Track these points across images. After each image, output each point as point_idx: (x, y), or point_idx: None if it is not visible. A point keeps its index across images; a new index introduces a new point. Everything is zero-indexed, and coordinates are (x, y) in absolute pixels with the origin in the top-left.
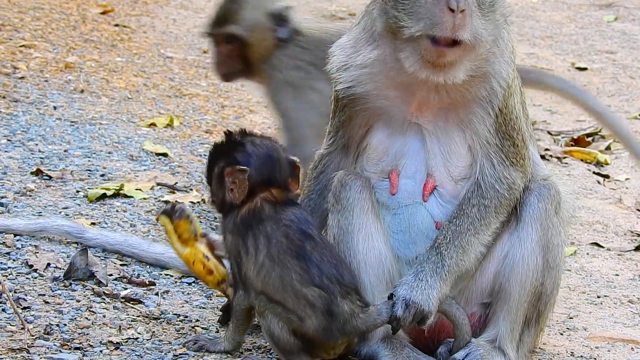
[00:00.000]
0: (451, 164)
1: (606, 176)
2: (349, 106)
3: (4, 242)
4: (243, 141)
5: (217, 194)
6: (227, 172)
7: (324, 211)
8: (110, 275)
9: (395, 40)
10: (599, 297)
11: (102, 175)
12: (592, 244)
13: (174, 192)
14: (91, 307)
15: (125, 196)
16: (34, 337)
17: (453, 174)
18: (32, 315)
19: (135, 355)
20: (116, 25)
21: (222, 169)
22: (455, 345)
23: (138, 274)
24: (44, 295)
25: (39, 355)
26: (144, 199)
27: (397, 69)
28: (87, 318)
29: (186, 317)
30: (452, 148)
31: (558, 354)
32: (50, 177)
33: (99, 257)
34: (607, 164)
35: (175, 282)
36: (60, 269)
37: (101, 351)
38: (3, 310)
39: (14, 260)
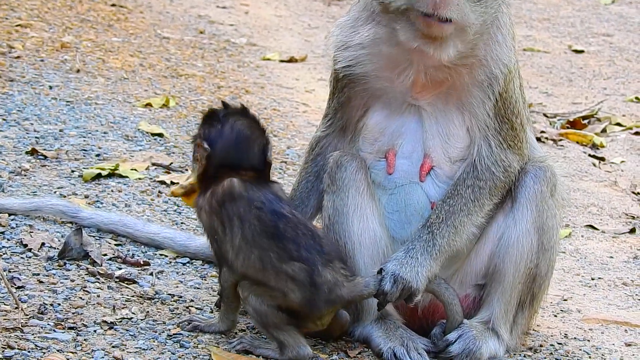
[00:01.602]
0: (449, 145)
1: (602, 159)
2: (349, 87)
3: None
4: (222, 121)
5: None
6: (196, 143)
7: (321, 193)
8: (105, 255)
9: (389, 15)
10: (593, 279)
11: (97, 155)
12: (587, 226)
13: (169, 172)
14: (85, 287)
15: (121, 176)
16: (27, 317)
17: (451, 155)
18: (26, 295)
19: (129, 335)
20: (113, 5)
21: (194, 138)
22: (447, 326)
23: (132, 254)
24: (38, 274)
25: (32, 334)
26: (139, 179)
27: (393, 46)
28: (81, 298)
29: (180, 297)
30: (451, 130)
31: (552, 336)
32: (46, 157)
33: (94, 236)
34: (602, 146)
35: (170, 262)
36: (54, 248)
37: (95, 331)
38: None
39: (8, 239)
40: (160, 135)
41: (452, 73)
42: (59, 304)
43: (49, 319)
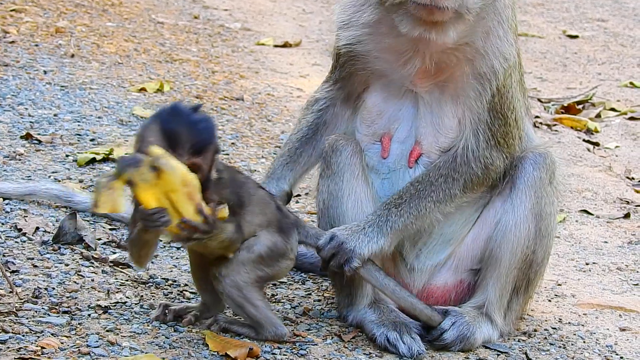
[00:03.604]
0: (441, 135)
1: (596, 144)
2: (349, 64)
3: None
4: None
5: None
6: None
7: (315, 148)
8: (99, 239)
9: (385, 7)
10: (587, 264)
11: (91, 140)
12: (582, 211)
13: None
14: (80, 271)
15: (115, 161)
16: (22, 301)
17: (441, 144)
18: (21, 279)
19: (124, 319)
20: None
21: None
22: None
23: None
24: (32, 259)
25: (27, 318)
26: None
27: (395, 35)
28: (75, 282)
29: (174, 281)
30: (443, 120)
31: (546, 321)
32: (40, 142)
33: (88, 221)
34: (597, 131)
35: (164, 246)
36: (49, 232)
37: (89, 315)
38: None
39: (2, 223)
40: None
41: (454, 61)
42: (54, 288)
43: (43, 303)
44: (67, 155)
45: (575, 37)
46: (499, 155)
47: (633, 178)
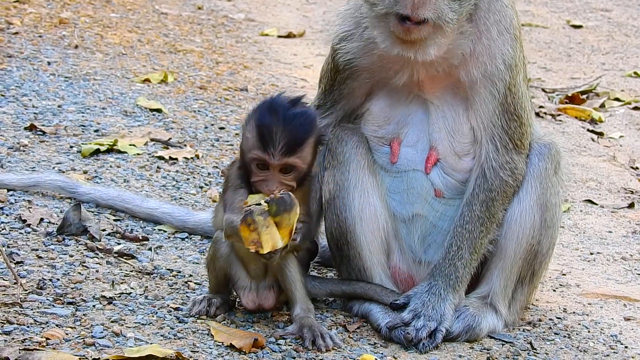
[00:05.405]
0: (455, 140)
1: (600, 134)
2: (352, 78)
3: None
4: None
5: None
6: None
7: None
8: (104, 230)
9: (371, 21)
10: (592, 254)
11: (95, 131)
12: (586, 201)
13: (167, 148)
14: (84, 262)
15: (119, 152)
16: (27, 292)
17: (456, 149)
18: (25, 270)
19: (128, 310)
20: None
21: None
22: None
23: (131, 229)
24: (37, 250)
25: (31, 309)
26: (138, 154)
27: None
28: (80, 273)
29: (179, 272)
30: (457, 125)
31: (551, 310)
32: (44, 133)
33: (93, 212)
34: (601, 121)
35: (169, 237)
36: (53, 224)
37: (94, 306)
38: None
39: (7, 215)
40: (159, 110)
41: (447, 69)
42: (58, 279)
43: (48, 294)
44: (71, 146)
45: (579, 27)
46: (519, 158)
47: (637, 168)
